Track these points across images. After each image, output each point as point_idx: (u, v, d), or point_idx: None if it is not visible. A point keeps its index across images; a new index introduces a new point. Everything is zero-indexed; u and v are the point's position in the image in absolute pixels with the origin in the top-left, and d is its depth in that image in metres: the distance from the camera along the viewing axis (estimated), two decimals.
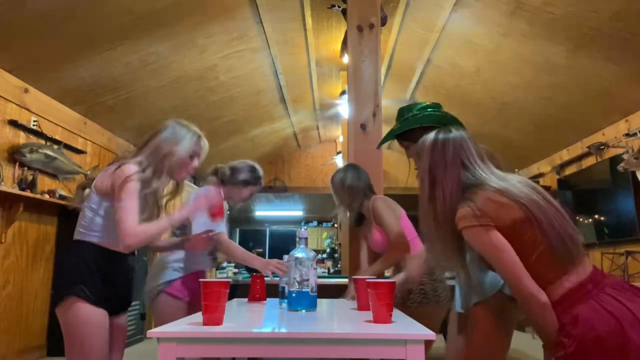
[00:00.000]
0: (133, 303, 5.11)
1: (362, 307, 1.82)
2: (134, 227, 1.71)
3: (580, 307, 1.27)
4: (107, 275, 1.79)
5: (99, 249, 1.79)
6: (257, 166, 2.54)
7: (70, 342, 1.72)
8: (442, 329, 2.50)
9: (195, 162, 2.01)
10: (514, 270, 1.33)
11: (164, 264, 2.36)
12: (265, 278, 2.27)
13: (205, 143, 2.03)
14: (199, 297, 1.53)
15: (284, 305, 1.89)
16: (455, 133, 1.56)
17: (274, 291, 2.21)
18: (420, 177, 1.58)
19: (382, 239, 2.31)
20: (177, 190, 2.04)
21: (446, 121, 1.91)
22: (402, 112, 2.05)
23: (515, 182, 1.45)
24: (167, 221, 1.86)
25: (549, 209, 1.38)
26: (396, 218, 2.27)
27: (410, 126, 1.95)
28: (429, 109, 2.00)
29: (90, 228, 1.79)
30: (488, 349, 1.70)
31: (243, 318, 1.59)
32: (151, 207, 1.90)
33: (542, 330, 1.33)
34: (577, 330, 1.24)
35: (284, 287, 1.95)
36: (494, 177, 1.47)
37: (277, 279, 2.14)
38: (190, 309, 2.27)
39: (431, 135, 1.58)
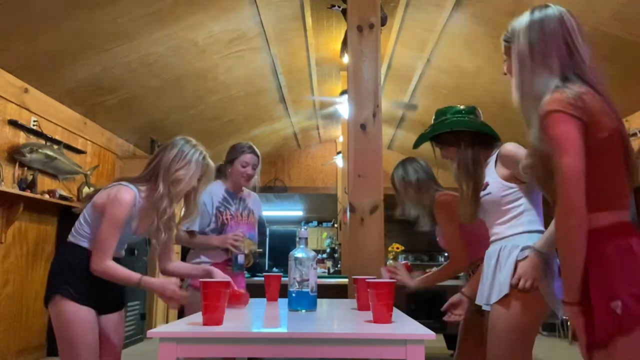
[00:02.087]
0: (133, 303, 5.13)
1: (362, 307, 1.82)
2: (106, 261, 1.79)
3: (632, 239, 1.21)
4: (94, 276, 1.83)
5: (86, 252, 1.86)
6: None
7: (59, 339, 1.81)
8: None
9: (201, 185, 2.03)
10: (571, 174, 1.19)
11: (188, 258, 2.63)
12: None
13: (211, 165, 2.03)
14: None
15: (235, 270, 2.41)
16: (554, 8, 1.38)
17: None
18: (519, 62, 1.39)
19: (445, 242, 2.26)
20: (189, 213, 2.08)
21: (476, 126, 1.92)
22: (437, 115, 2.08)
23: None
24: (138, 278, 1.83)
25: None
26: (454, 226, 2.16)
27: (440, 131, 1.98)
28: (460, 114, 2.00)
29: (79, 233, 1.89)
30: (507, 354, 1.62)
31: (243, 318, 1.60)
32: (159, 225, 1.93)
33: (567, 257, 1.22)
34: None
35: (236, 256, 2.43)
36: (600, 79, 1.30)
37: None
38: None
39: (526, 14, 1.42)
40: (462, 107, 2.05)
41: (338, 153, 8.40)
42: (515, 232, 1.72)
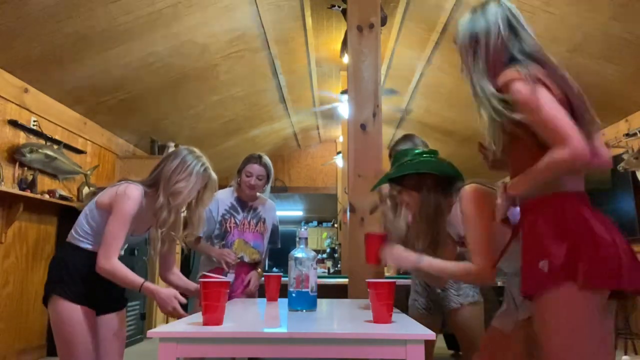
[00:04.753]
0: (133, 303, 5.12)
1: (370, 260, 1.86)
2: (113, 259, 1.77)
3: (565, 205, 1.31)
4: (92, 276, 1.82)
5: (85, 252, 1.86)
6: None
7: (56, 338, 1.82)
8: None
9: (204, 197, 2.02)
10: (557, 121, 1.23)
11: (201, 263, 2.81)
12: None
13: (213, 177, 2.01)
14: None
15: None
16: (493, 2, 1.43)
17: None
18: (459, 50, 1.44)
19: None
20: (191, 224, 2.05)
21: (442, 168, 1.81)
22: (397, 157, 1.93)
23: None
24: (140, 282, 1.82)
25: (582, 103, 1.34)
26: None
27: (405, 172, 1.83)
28: (424, 155, 1.87)
29: (78, 233, 1.89)
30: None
31: (243, 318, 1.60)
32: (158, 235, 1.93)
33: (539, 174, 1.29)
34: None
35: (226, 273, 2.56)
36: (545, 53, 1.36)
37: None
38: None
39: (467, 12, 1.47)
40: (423, 149, 1.99)
41: (338, 153, 8.40)
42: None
